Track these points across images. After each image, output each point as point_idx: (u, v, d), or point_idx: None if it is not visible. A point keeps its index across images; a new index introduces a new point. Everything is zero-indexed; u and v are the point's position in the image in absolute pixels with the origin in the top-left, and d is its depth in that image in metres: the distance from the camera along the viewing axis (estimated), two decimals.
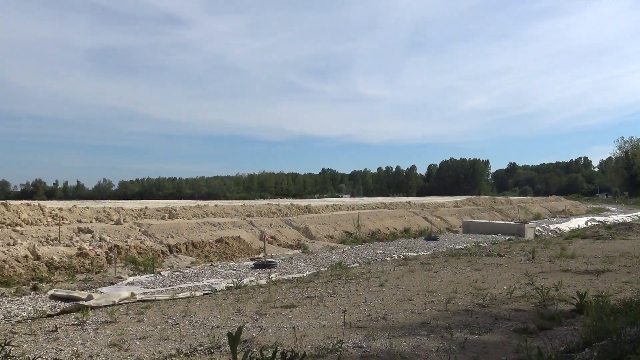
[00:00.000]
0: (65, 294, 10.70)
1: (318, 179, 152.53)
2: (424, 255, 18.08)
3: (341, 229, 26.75)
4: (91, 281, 12.99)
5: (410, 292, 10.63)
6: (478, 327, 7.45)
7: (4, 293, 11.14)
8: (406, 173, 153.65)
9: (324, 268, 15.13)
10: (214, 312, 9.05)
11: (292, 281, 12.79)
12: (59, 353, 6.49)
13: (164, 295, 10.92)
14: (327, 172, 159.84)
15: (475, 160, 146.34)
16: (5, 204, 18.77)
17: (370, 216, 30.87)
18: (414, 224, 31.38)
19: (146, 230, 19.23)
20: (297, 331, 7.29)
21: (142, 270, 14.62)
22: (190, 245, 18.33)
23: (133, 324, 8.18)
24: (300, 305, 9.43)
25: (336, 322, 8.04)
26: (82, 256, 14.98)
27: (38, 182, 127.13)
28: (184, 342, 6.91)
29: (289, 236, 23.39)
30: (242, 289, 11.61)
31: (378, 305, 9.31)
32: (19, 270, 13.16)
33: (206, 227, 21.31)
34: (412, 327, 7.53)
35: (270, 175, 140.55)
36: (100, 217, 20.41)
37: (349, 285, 11.71)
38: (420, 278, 12.62)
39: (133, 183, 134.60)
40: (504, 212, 44.28)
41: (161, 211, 23.29)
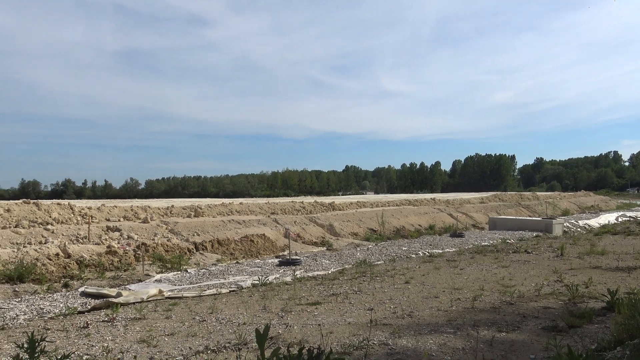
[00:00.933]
0: (96, 291, 10.93)
1: (342, 176, 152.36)
2: (449, 252, 17.92)
3: (365, 226, 26.69)
4: (120, 278, 13.22)
5: (436, 290, 10.55)
6: (505, 325, 7.36)
7: (37, 290, 11.43)
8: (430, 169, 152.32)
9: (349, 265, 15.13)
10: (240, 309, 9.14)
11: (316, 278, 12.81)
12: (90, 349, 6.64)
13: (190, 292, 11.07)
14: (350, 169, 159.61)
15: (501, 156, 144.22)
16: (37, 203, 19.25)
17: (395, 213, 30.71)
18: (438, 221, 31.12)
19: (173, 228, 19.50)
20: (323, 328, 7.31)
21: (169, 268, 14.84)
22: (216, 243, 18.52)
23: (161, 321, 8.31)
24: (325, 303, 9.45)
25: (362, 319, 8.03)
26: (111, 254, 15.27)
27: (67, 181, 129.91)
28: (211, 339, 7.00)
29: (313, 233, 23.44)
30: (267, 286, 11.69)
31: (404, 303, 9.27)
32: (50, 268, 13.48)
33: (231, 225, 21.50)
34: (439, 325, 7.48)
35: (294, 172, 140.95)
36: (128, 215, 20.77)
37: (374, 282, 11.69)
38: (446, 275, 12.52)
39: (159, 182, 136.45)
40: (531, 208, 43.59)
41: (187, 209, 23.58)
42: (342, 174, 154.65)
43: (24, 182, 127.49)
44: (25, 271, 12.51)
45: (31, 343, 3.24)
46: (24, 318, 8.88)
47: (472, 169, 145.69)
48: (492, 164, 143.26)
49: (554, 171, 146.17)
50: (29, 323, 8.51)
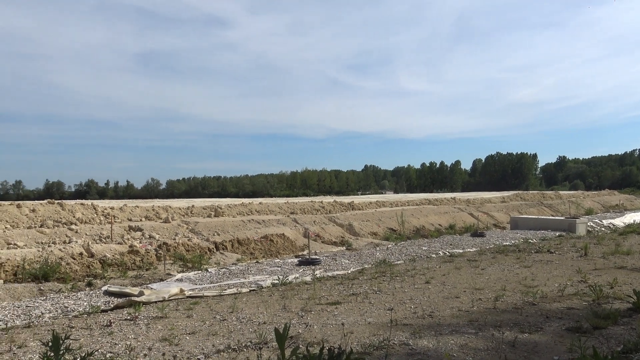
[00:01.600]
0: (118, 290, 11.08)
1: (361, 175, 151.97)
2: (470, 252, 17.75)
3: (385, 226, 26.58)
4: (142, 277, 13.38)
5: (456, 290, 10.47)
6: (528, 326, 7.26)
7: (62, 289, 11.63)
8: (450, 168, 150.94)
9: (368, 265, 15.09)
10: (260, 308, 9.18)
11: (336, 278, 12.81)
12: (114, 347, 6.73)
13: (211, 291, 11.15)
14: (369, 169, 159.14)
15: (522, 154, 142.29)
16: (61, 203, 19.61)
17: (414, 212, 30.54)
18: (459, 220, 30.85)
19: (193, 228, 19.68)
20: (343, 328, 7.30)
21: (190, 267, 14.97)
22: (236, 243, 18.63)
23: (183, 320, 8.39)
24: (345, 302, 9.44)
25: (382, 319, 8.00)
26: (133, 253, 15.47)
27: (90, 182, 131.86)
28: (231, 338, 7.04)
29: (332, 233, 23.43)
30: (287, 285, 11.72)
31: (424, 303, 9.21)
32: (74, 267, 13.71)
33: (251, 224, 21.61)
34: (460, 325, 7.42)
35: (313, 172, 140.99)
36: (150, 215, 21.02)
37: (394, 282, 11.64)
38: (466, 275, 12.41)
39: (180, 182, 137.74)
40: (554, 207, 42.93)
41: (207, 209, 23.77)
42: (361, 173, 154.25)
43: (49, 183, 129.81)
44: (50, 270, 12.75)
45: (55, 341, 3.30)
46: (49, 316, 9.05)
47: (492, 168, 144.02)
48: (513, 162, 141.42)
49: (577, 170, 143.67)
50: (54, 321, 8.66)
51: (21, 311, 9.41)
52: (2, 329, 8.10)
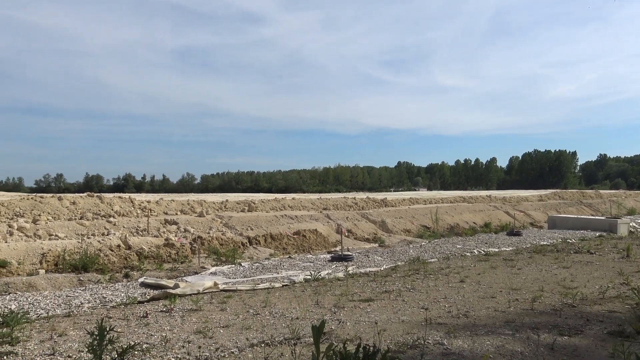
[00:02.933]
0: (154, 282, 11.29)
1: (394, 172, 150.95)
2: (506, 251, 17.39)
3: (418, 223, 26.32)
4: (177, 270, 13.61)
5: (492, 289, 10.26)
6: (568, 329, 7.05)
7: (100, 280, 11.93)
8: (486, 165, 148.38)
9: (402, 262, 14.95)
10: (292, 303, 9.20)
11: (369, 275, 12.74)
12: (150, 338, 6.85)
13: (244, 285, 11.25)
14: (402, 165, 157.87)
15: (561, 152, 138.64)
16: (100, 196, 20.12)
17: (449, 210, 30.13)
18: (494, 219, 30.29)
19: (227, 222, 19.90)
20: (376, 326, 7.24)
21: (224, 261, 15.14)
22: (269, 238, 18.75)
23: (216, 313, 8.48)
24: (378, 300, 9.37)
25: (415, 317, 7.91)
26: (168, 246, 15.75)
27: (128, 176, 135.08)
28: (265, 332, 7.07)
29: (365, 229, 23.34)
30: (319, 281, 11.71)
31: (459, 302, 9.06)
32: (112, 259, 14.05)
33: (284, 219, 21.71)
34: (496, 326, 7.26)
35: (345, 168, 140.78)
36: (185, 209, 21.36)
37: (428, 280, 11.49)
38: (503, 275, 12.15)
39: (214, 177, 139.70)
40: (594, 206, 41.70)
41: (241, 204, 24.00)
42: (394, 170, 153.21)
43: (88, 176, 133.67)
44: (89, 261, 13.10)
45: (100, 332, 3.36)
46: (88, 306, 9.28)
47: (530, 166, 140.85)
48: (551, 160, 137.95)
49: (619, 168, 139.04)
50: (93, 311, 8.89)
51: (62, 300, 9.68)
52: (44, 317, 8.36)
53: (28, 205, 17.77)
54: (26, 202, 18.08)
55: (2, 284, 10.67)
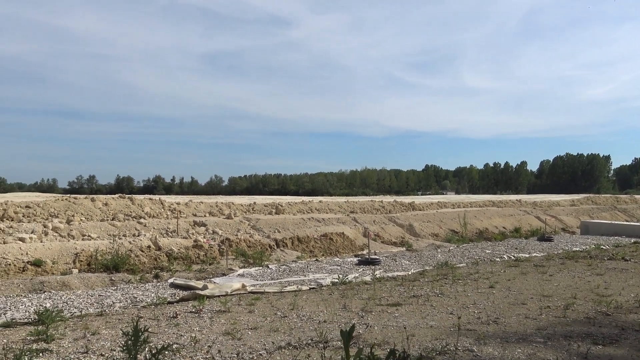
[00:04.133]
0: (183, 283, 11.45)
1: (421, 175, 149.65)
2: (537, 257, 17.05)
3: (446, 227, 26.04)
4: (205, 272, 13.76)
5: (523, 296, 10.08)
6: (602, 338, 6.87)
7: (131, 280, 12.15)
8: (516, 169, 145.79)
9: (429, 267, 14.81)
10: (320, 306, 9.20)
11: (396, 279, 12.66)
12: (179, 338, 6.94)
13: (272, 287, 11.30)
14: (430, 169, 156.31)
15: (594, 156, 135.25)
16: (131, 198, 20.51)
17: (477, 214, 29.72)
18: (525, 224, 29.74)
19: (255, 224, 20.04)
20: (404, 331, 7.19)
21: (251, 263, 15.25)
22: (296, 240, 18.81)
23: (244, 315, 8.55)
24: (406, 304, 9.30)
25: (444, 323, 7.82)
26: (197, 248, 15.94)
27: (158, 177, 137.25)
28: (292, 335, 7.09)
29: (392, 233, 23.20)
30: (347, 285, 11.69)
31: (488, 308, 8.92)
32: (142, 259, 14.29)
33: (311, 222, 21.75)
34: (527, 334, 7.12)
35: (372, 171, 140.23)
36: (213, 211, 21.60)
37: (456, 285, 11.36)
38: (533, 281, 11.92)
39: (241, 179, 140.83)
40: (629, 212, 40.54)
41: (268, 207, 24.14)
42: (422, 173, 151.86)
43: (119, 178, 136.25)
44: (120, 261, 13.36)
45: (135, 332, 3.43)
46: (120, 306, 9.46)
47: (561, 170, 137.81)
48: (583, 164, 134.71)
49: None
50: (124, 311, 9.06)
51: (94, 299, 9.90)
52: (77, 316, 8.56)
53: (62, 206, 18.23)
54: (60, 203, 18.55)
55: (38, 283, 10.97)
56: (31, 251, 13.28)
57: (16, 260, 12.77)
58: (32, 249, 13.38)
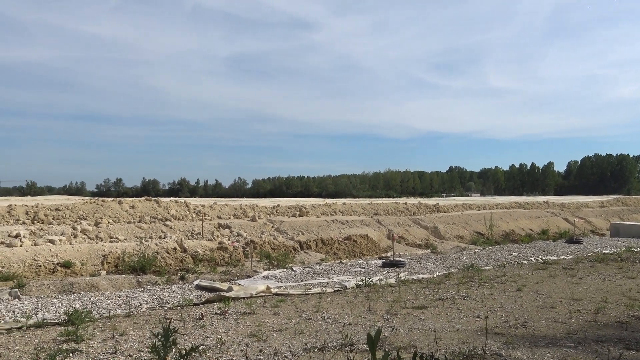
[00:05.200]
0: (209, 285, 11.54)
1: (445, 177, 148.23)
2: (565, 260, 16.71)
3: (472, 229, 25.73)
4: (230, 273, 13.85)
5: (552, 299, 9.88)
6: (635, 342, 6.69)
7: (157, 281, 12.30)
8: (542, 170, 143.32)
9: (455, 269, 14.64)
10: (344, 309, 9.17)
11: (421, 281, 12.54)
12: (206, 339, 6.99)
13: (296, 290, 11.31)
14: (454, 170, 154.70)
15: (623, 156, 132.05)
16: (157, 200, 20.79)
17: (503, 216, 29.30)
18: (552, 225, 29.21)
19: (279, 227, 20.11)
20: (431, 334, 7.12)
21: (276, 265, 15.29)
22: (320, 242, 18.81)
23: (269, 316, 8.57)
24: (431, 307, 9.21)
25: (471, 326, 7.72)
26: (222, 250, 16.07)
27: (182, 180, 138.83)
28: (317, 337, 7.08)
29: (416, 235, 23.03)
30: (371, 287, 11.63)
31: (516, 312, 8.77)
32: (169, 261, 14.47)
33: (334, 224, 21.72)
34: (557, 338, 6.98)
35: (396, 173, 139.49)
36: (237, 214, 21.75)
37: (483, 288, 11.20)
38: (562, 284, 11.68)
39: (265, 181, 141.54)
40: None
41: (292, 209, 24.20)
42: (446, 174, 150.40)
43: (145, 181, 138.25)
44: (147, 263, 13.54)
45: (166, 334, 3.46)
46: (147, 307, 9.59)
47: (589, 171, 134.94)
48: (613, 165, 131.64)
49: None
50: (151, 312, 9.17)
51: (122, 301, 10.04)
52: (105, 316, 8.69)
53: (91, 208, 18.58)
54: (89, 206, 18.91)
55: (67, 284, 11.19)
56: (61, 253, 13.56)
57: (46, 261, 13.06)
58: (61, 251, 13.66)
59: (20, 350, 6.52)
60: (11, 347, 6.66)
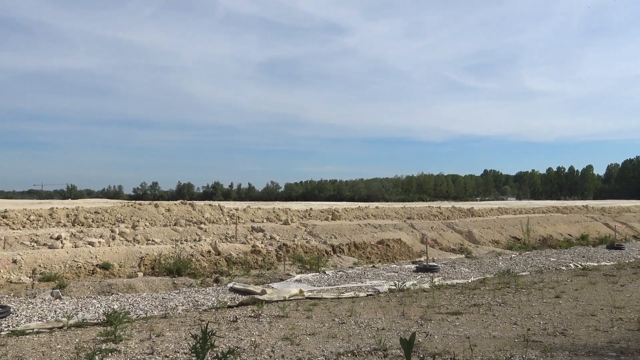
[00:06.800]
0: (242, 288, 11.64)
1: (480, 180, 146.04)
2: (606, 266, 16.20)
3: (507, 234, 25.23)
4: (263, 276, 13.94)
5: (592, 307, 9.59)
6: None
7: (192, 284, 12.49)
8: (581, 174, 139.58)
9: (490, 275, 14.37)
10: (378, 313, 9.12)
11: (456, 287, 12.36)
12: (240, 342, 7.06)
13: (329, 293, 11.31)
14: (489, 174, 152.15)
15: None
16: (192, 204, 21.13)
17: (541, 221, 28.63)
18: (592, 230, 28.37)
19: (311, 230, 20.15)
20: (466, 340, 7.00)
21: (308, 269, 15.31)
22: (352, 246, 18.76)
23: (302, 320, 8.59)
24: (466, 313, 9.06)
25: (507, 333, 7.56)
26: (255, 253, 16.20)
27: (216, 184, 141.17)
28: (351, 342, 7.05)
29: (450, 240, 22.72)
30: (404, 292, 11.53)
31: (554, 319, 8.55)
32: (203, 264, 14.67)
33: (367, 228, 21.64)
34: (598, 347, 6.76)
35: (429, 176, 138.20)
36: (270, 217, 21.90)
37: (520, 294, 10.96)
38: (603, 291, 11.33)
39: (297, 185, 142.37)
40: None
41: (324, 212, 24.23)
42: (481, 178, 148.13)
43: (180, 184, 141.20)
44: (182, 265, 13.76)
45: (204, 336, 3.52)
46: (182, 309, 9.74)
47: (631, 174, 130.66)
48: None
49: None
50: (186, 314, 9.31)
51: (158, 302, 10.23)
52: (142, 317, 8.87)
53: (128, 211, 19.02)
54: (126, 209, 19.36)
55: (106, 285, 11.47)
56: (100, 255, 13.93)
57: (86, 263, 13.43)
58: (100, 253, 14.03)
59: (62, 349, 6.71)
60: (53, 346, 6.86)
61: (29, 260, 12.94)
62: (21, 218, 17.26)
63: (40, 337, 7.44)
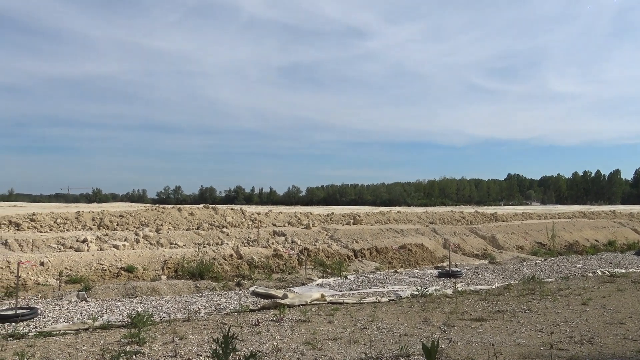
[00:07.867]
0: (264, 292, 11.68)
1: (503, 185, 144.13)
2: (635, 273, 15.82)
3: (532, 239, 24.83)
4: (285, 281, 13.97)
5: (620, 315, 9.37)
6: None
7: (214, 287, 12.57)
8: (608, 178, 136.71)
9: (515, 281, 14.15)
10: (400, 319, 9.05)
11: (479, 293, 12.21)
12: (262, 346, 7.08)
13: (351, 298, 11.27)
14: (513, 178, 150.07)
15: None
16: (215, 208, 21.31)
17: (566, 226, 28.12)
18: (620, 236, 27.75)
19: (333, 234, 20.13)
20: (490, 347, 6.90)
21: (330, 273, 15.29)
22: (374, 251, 18.67)
23: (324, 325, 8.58)
24: (490, 320, 8.94)
25: (532, 341, 7.43)
26: (276, 257, 16.25)
27: (238, 188, 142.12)
28: (373, 347, 7.02)
29: (473, 245, 22.46)
30: (427, 297, 11.43)
31: (581, 327, 8.37)
32: (225, 268, 14.76)
33: (389, 233, 21.53)
34: (626, 356, 6.60)
35: (451, 181, 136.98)
36: (292, 221, 21.95)
37: (545, 301, 10.77)
38: (632, 299, 11.06)
39: (318, 189, 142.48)
40: None
41: (346, 217, 24.19)
42: (504, 182, 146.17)
43: (203, 188, 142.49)
44: (205, 269, 13.88)
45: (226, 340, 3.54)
46: (205, 312, 9.81)
47: None
48: None
49: None
50: (209, 317, 9.37)
51: (181, 305, 10.33)
52: (166, 320, 8.96)
53: (152, 215, 19.27)
54: (150, 213, 19.62)
55: (130, 288, 11.62)
56: (124, 258, 14.13)
57: (111, 266, 13.63)
58: (125, 256, 14.23)
59: (88, 351, 6.82)
60: (79, 348, 6.98)
61: (56, 263, 13.20)
62: (48, 221, 17.62)
63: (66, 338, 7.58)
